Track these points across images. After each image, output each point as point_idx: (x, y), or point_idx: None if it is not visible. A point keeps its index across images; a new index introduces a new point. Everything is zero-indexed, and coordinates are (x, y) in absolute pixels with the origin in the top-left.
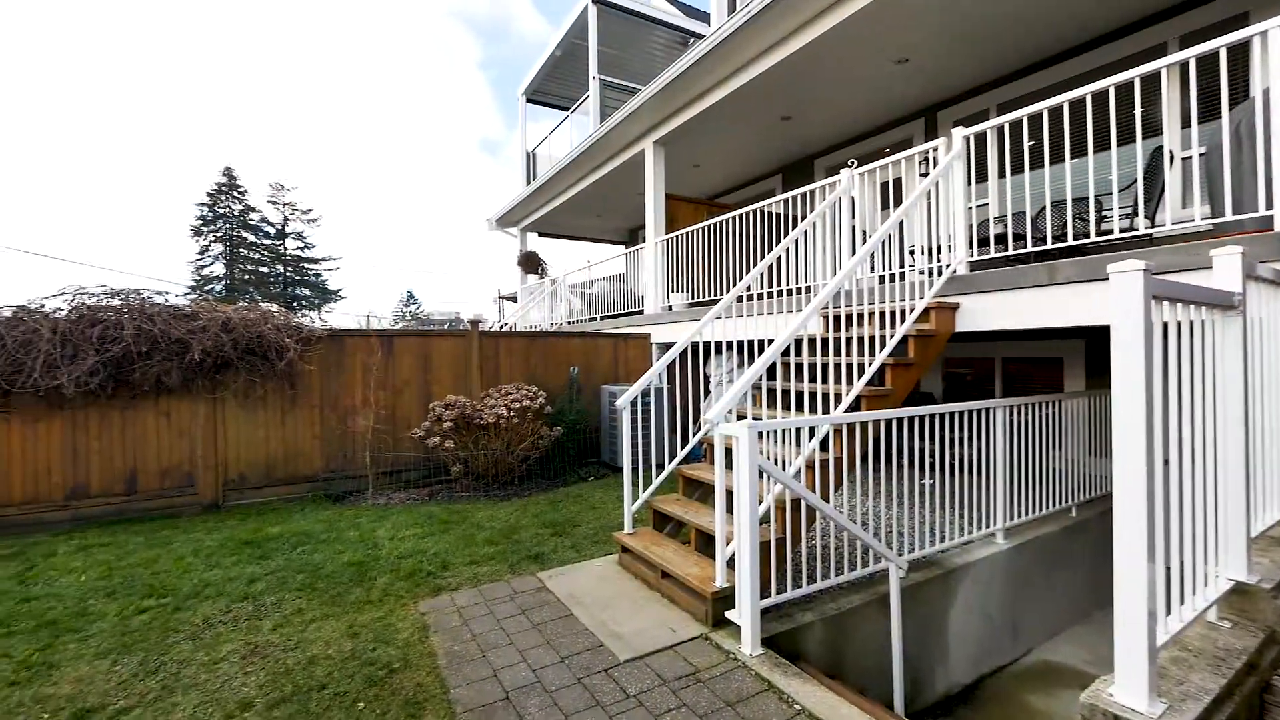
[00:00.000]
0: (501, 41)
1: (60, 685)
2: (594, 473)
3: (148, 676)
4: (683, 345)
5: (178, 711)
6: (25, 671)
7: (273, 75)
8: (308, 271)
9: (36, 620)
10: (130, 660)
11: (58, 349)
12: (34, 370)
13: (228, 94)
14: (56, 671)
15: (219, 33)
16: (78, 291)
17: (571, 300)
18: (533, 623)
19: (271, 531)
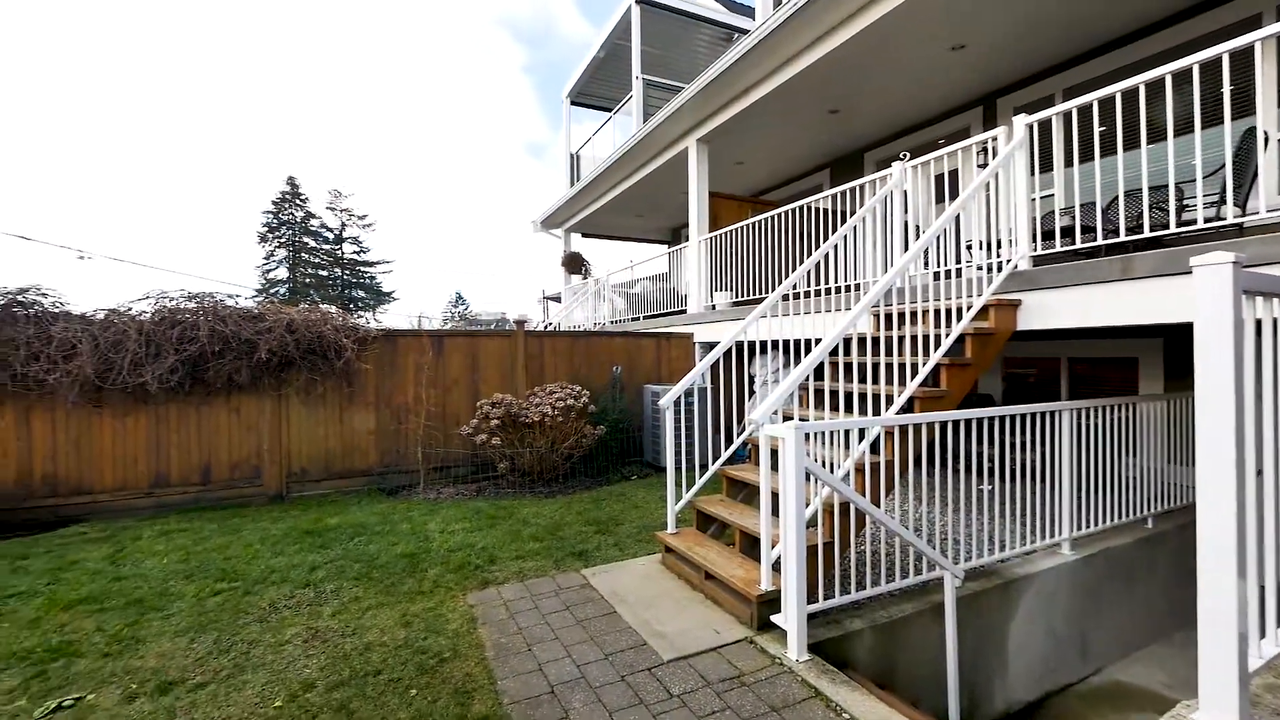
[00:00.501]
0: (545, 45)
1: (146, 659)
2: (636, 472)
3: (221, 655)
4: (726, 344)
5: (247, 689)
6: (116, 644)
7: (331, 88)
8: (363, 274)
9: (125, 598)
10: (205, 639)
11: (143, 349)
12: (123, 368)
13: (291, 107)
14: (143, 646)
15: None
16: (160, 295)
17: (614, 300)
18: (577, 619)
19: (331, 522)
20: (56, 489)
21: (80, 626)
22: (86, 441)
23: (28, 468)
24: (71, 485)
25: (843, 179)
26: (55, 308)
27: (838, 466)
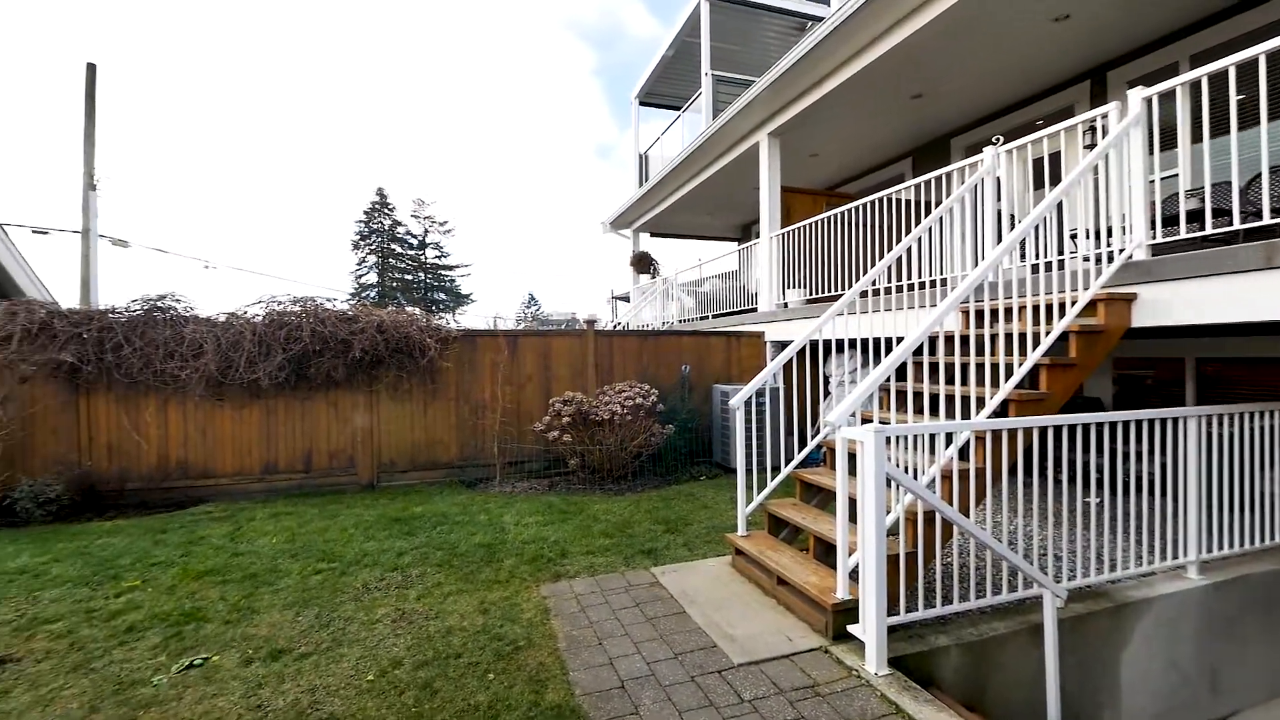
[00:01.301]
0: (613, 47)
1: (259, 627)
2: (705, 472)
3: (321, 629)
4: (800, 343)
5: (344, 661)
6: (235, 613)
7: (415, 101)
8: (444, 278)
9: (242, 572)
10: (308, 613)
11: (256, 348)
12: (239, 366)
13: (381, 121)
14: (256, 616)
15: (371, 70)
16: (270, 300)
17: (683, 299)
18: (646, 616)
19: (416, 511)
20: (187, 472)
21: (206, 595)
22: (210, 430)
23: (164, 452)
24: (198, 469)
25: (927, 168)
26: (186, 312)
27: (922, 472)
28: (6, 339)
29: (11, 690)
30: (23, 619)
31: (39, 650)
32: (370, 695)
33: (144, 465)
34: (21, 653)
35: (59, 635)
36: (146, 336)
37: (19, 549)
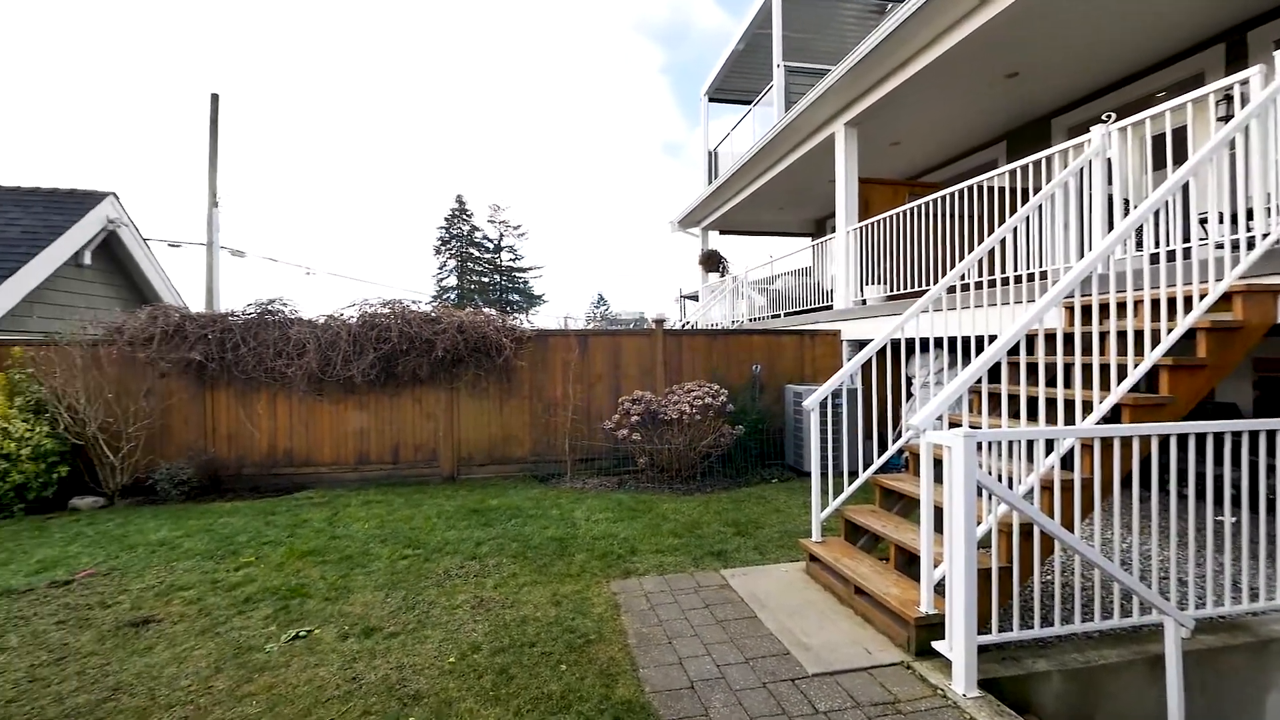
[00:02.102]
0: (681, 44)
1: (354, 606)
2: (777, 474)
3: (407, 611)
4: (880, 342)
5: (428, 643)
6: (333, 591)
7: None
8: (518, 279)
9: (339, 554)
10: (396, 595)
11: (351, 347)
12: (336, 364)
13: (460, 129)
14: (351, 595)
15: (453, 79)
16: (363, 303)
17: (753, 297)
18: (716, 618)
19: (492, 503)
20: (292, 460)
21: (309, 573)
22: (311, 423)
23: (273, 442)
24: (302, 458)
25: (1023, 152)
26: (291, 315)
27: (1018, 482)
28: (149, 339)
29: (154, 647)
30: (162, 585)
31: (175, 614)
32: (452, 676)
33: (257, 453)
34: (162, 614)
35: (190, 601)
36: (259, 337)
37: (159, 524)
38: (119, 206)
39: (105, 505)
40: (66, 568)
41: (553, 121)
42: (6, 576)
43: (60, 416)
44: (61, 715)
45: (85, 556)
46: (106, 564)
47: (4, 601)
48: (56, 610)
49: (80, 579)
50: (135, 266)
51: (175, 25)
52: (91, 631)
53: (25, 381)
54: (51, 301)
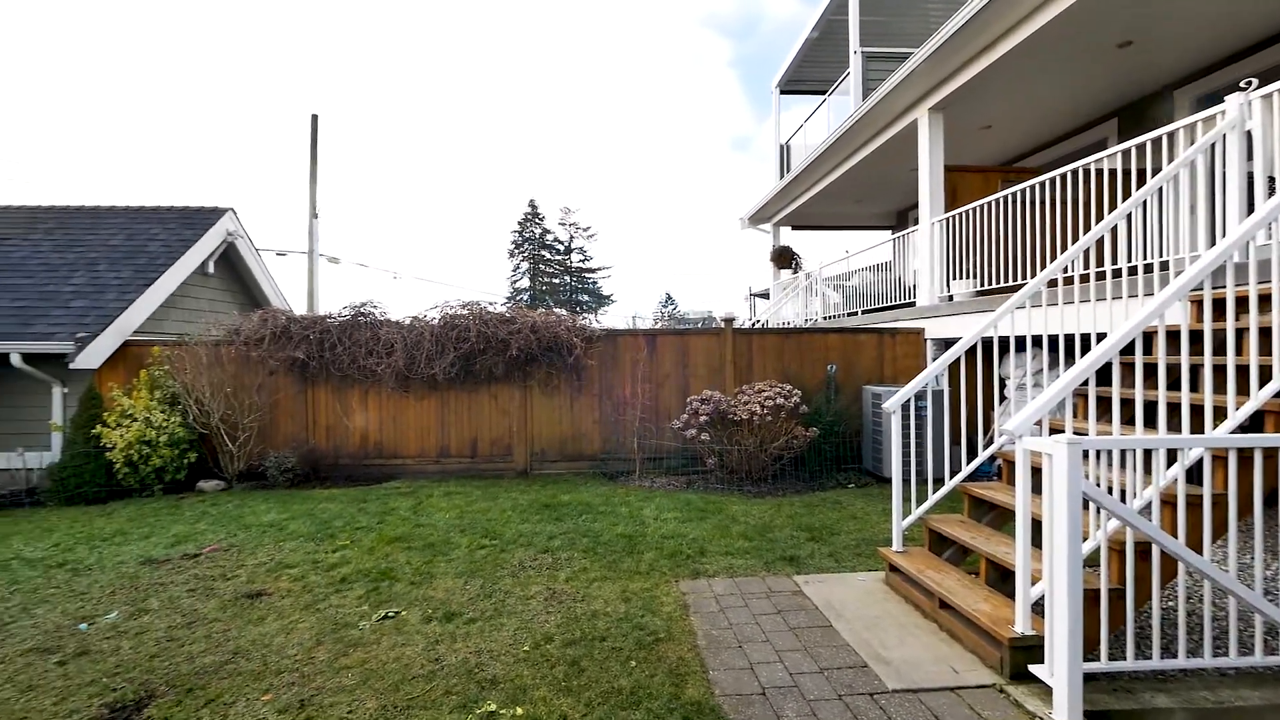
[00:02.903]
0: (750, 36)
1: (436, 591)
2: (854, 479)
3: (485, 598)
4: (970, 341)
5: (504, 630)
6: (418, 576)
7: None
8: (587, 280)
9: (423, 542)
10: (474, 583)
11: (433, 347)
12: (420, 362)
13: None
14: (433, 581)
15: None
16: (444, 305)
17: (828, 294)
18: (788, 625)
19: (563, 499)
20: (381, 451)
21: (396, 558)
22: (399, 418)
23: (365, 434)
24: (390, 450)
25: (1137, 129)
26: (381, 317)
27: (1132, 495)
28: (261, 339)
29: (266, 618)
30: (272, 563)
31: (282, 589)
32: (526, 664)
33: (351, 445)
34: (272, 589)
35: (295, 579)
36: (353, 337)
37: (269, 507)
38: (236, 220)
39: (225, 488)
40: (195, 542)
41: (621, 122)
42: (149, 547)
43: (190, 408)
44: (193, 672)
45: (210, 533)
46: (227, 541)
47: (147, 569)
48: (188, 579)
49: (206, 553)
50: (249, 273)
51: (276, 48)
52: (215, 600)
53: (163, 378)
54: (182, 306)
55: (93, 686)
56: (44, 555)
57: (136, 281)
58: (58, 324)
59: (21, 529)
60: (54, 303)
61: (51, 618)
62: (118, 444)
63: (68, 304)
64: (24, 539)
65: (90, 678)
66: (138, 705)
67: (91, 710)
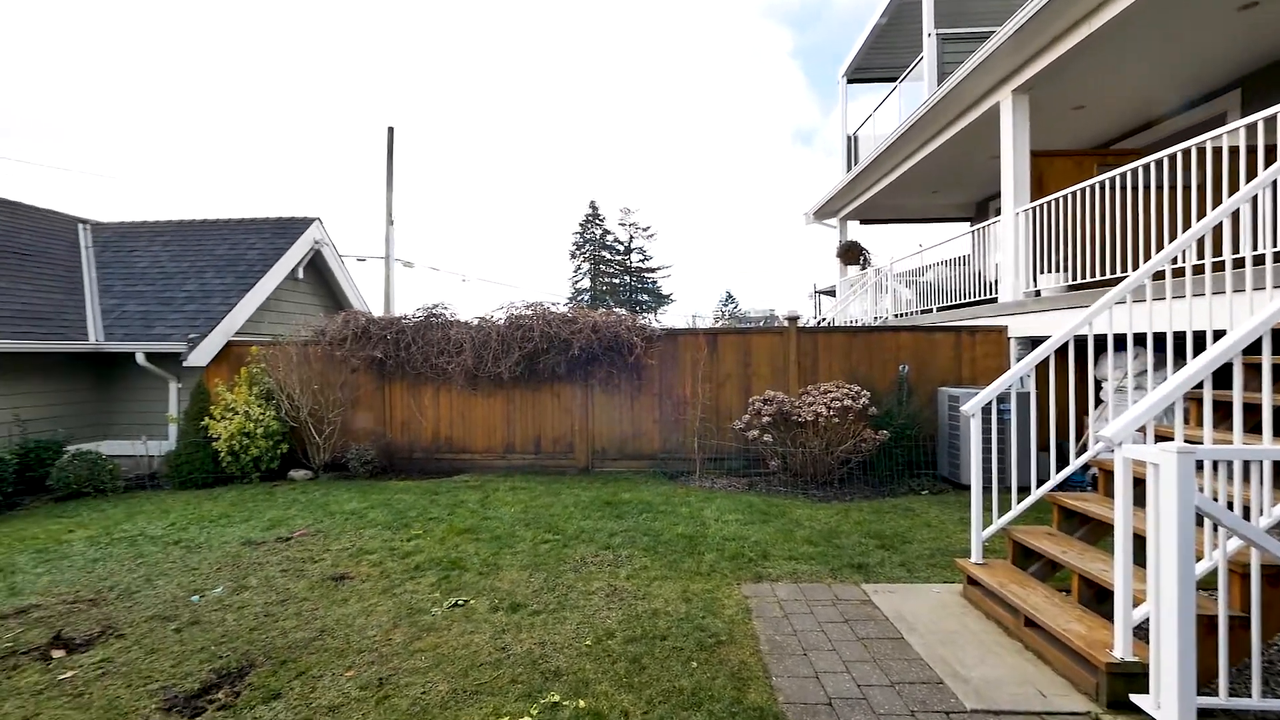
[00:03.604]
0: (814, 25)
1: (502, 582)
2: (927, 485)
3: (548, 591)
4: (1061, 339)
5: (567, 624)
6: (485, 567)
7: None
8: (646, 280)
9: (490, 534)
10: (538, 576)
11: (500, 346)
12: (487, 361)
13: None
14: (499, 572)
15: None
16: (509, 305)
17: (899, 290)
18: (856, 635)
19: (624, 497)
20: (450, 446)
21: (465, 549)
22: (467, 414)
23: (436, 430)
24: (459, 445)
25: (1266, 100)
26: (451, 318)
27: (1260, 512)
28: (343, 340)
29: (348, 599)
30: (354, 549)
31: (363, 574)
32: (588, 658)
33: (423, 439)
34: (353, 573)
35: (374, 564)
36: (425, 337)
37: (350, 496)
38: (322, 229)
39: (312, 478)
40: (287, 527)
41: (681, 119)
42: (249, 530)
43: (282, 403)
44: (286, 646)
45: (300, 519)
46: (314, 526)
47: (247, 550)
48: (281, 560)
49: (297, 537)
50: (333, 278)
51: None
52: (305, 581)
53: (260, 375)
54: (276, 309)
55: (203, 653)
56: (163, 533)
57: (237, 287)
58: (173, 326)
59: (145, 509)
60: (170, 307)
61: (169, 589)
62: (222, 435)
63: (181, 308)
64: (147, 518)
65: (200, 645)
66: (240, 673)
67: (202, 674)
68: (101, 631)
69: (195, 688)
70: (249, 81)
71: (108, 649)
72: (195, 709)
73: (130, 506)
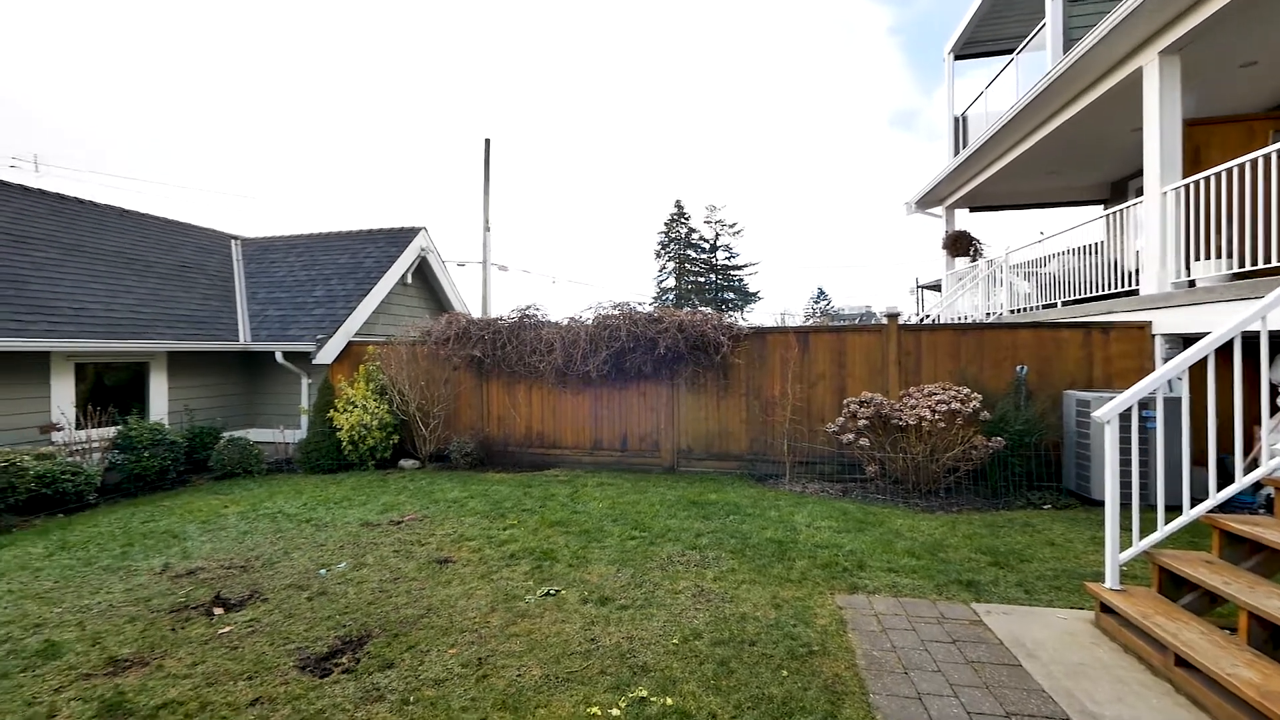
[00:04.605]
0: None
1: (591, 575)
2: (1050, 499)
3: (635, 588)
4: (1225, 335)
5: (654, 621)
6: (575, 559)
7: (709, 102)
8: (733, 278)
9: (579, 528)
10: (624, 573)
11: (588, 345)
12: (576, 360)
13: (680, 127)
14: (588, 565)
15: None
16: (596, 306)
17: (1016, 283)
18: (965, 658)
19: (710, 498)
20: (542, 441)
21: (556, 541)
22: (557, 411)
23: (529, 425)
24: (549, 441)
25: None
26: (542, 318)
27: None
28: (446, 339)
29: (451, 582)
30: (455, 535)
31: (463, 558)
32: (675, 657)
33: (516, 434)
34: (455, 557)
35: (474, 550)
36: (519, 337)
37: (452, 485)
38: (428, 237)
39: (419, 467)
40: (398, 511)
41: (768, 109)
42: (365, 513)
43: (394, 398)
44: (399, 620)
45: (409, 504)
46: (421, 511)
47: (365, 530)
48: (393, 542)
49: (406, 521)
50: (437, 282)
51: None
52: (413, 562)
53: (375, 372)
54: (388, 312)
55: (329, 621)
56: (297, 512)
57: (356, 292)
58: (305, 328)
59: (283, 490)
60: (302, 311)
61: (302, 561)
62: (344, 426)
63: (311, 312)
64: (284, 498)
65: (327, 614)
66: (360, 641)
67: (329, 640)
68: (250, 594)
69: (324, 651)
70: (366, 102)
71: (255, 610)
72: (324, 670)
73: (271, 487)
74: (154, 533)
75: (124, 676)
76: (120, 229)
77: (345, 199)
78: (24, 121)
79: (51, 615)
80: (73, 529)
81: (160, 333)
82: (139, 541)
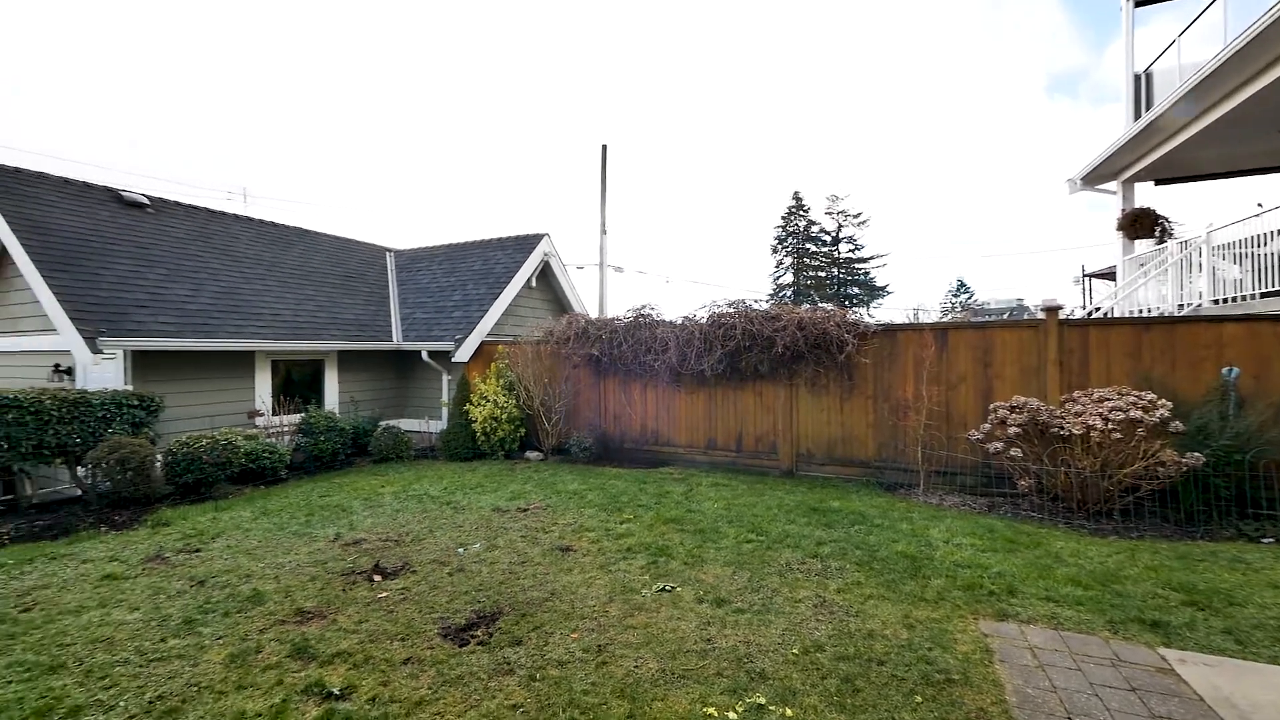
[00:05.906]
0: None
1: (706, 575)
2: (1272, 531)
3: (751, 592)
4: None
5: (772, 628)
6: (690, 558)
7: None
8: (857, 271)
9: (694, 527)
10: (740, 576)
11: (702, 344)
12: (690, 359)
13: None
14: (704, 565)
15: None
16: (711, 304)
17: (1220, 268)
18: (1150, 710)
19: (833, 505)
20: (656, 439)
21: (670, 538)
22: (671, 409)
23: (643, 422)
24: (664, 438)
25: None
26: (656, 318)
27: None
28: (567, 339)
29: (572, 570)
30: (575, 525)
31: (583, 548)
32: (795, 668)
33: (632, 430)
34: (576, 547)
35: (593, 541)
36: (635, 336)
37: (572, 478)
38: (550, 243)
39: (542, 459)
40: (525, 499)
41: (899, 83)
42: (496, 499)
43: (520, 394)
44: (525, 601)
45: (534, 494)
46: (544, 501)
47: (496, 515)
48: (520, 528)
49: (532, 509)
50: (558, 284)
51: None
52: (538, 548)
53: (504, 369)
54: (515, 313)
55: (466, 595)
56: (439, 494)
57: (489, 296)
58: (445, 330)
59: (427, 475)
60: (442, 314)
61: (444, 540)
62: (478, 419)
63: (450, 314)
64: (429, 482)
65: (465, 589)
66: (491, 617)
67: (466, 612)
68: (402, 565)
69: (462, 622)
70: (493, 116)
71: (406, 580)
72: (462, 640)
73: (418, 471)
74: (329, 505)
75: (308, 625)
76: (301, 246)
77: (478, 208)
78: (229, 160)
79: (256, 569)
80: (270, 498)
81: (332, 334)
82: (318, 513)
